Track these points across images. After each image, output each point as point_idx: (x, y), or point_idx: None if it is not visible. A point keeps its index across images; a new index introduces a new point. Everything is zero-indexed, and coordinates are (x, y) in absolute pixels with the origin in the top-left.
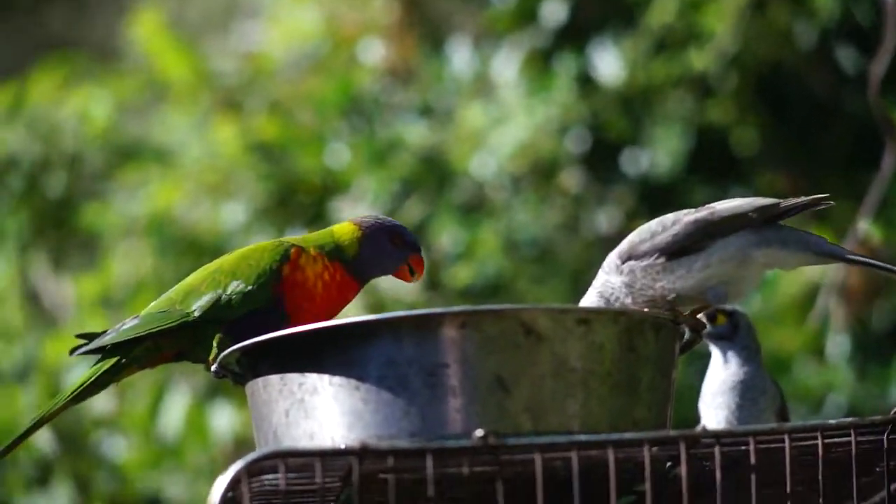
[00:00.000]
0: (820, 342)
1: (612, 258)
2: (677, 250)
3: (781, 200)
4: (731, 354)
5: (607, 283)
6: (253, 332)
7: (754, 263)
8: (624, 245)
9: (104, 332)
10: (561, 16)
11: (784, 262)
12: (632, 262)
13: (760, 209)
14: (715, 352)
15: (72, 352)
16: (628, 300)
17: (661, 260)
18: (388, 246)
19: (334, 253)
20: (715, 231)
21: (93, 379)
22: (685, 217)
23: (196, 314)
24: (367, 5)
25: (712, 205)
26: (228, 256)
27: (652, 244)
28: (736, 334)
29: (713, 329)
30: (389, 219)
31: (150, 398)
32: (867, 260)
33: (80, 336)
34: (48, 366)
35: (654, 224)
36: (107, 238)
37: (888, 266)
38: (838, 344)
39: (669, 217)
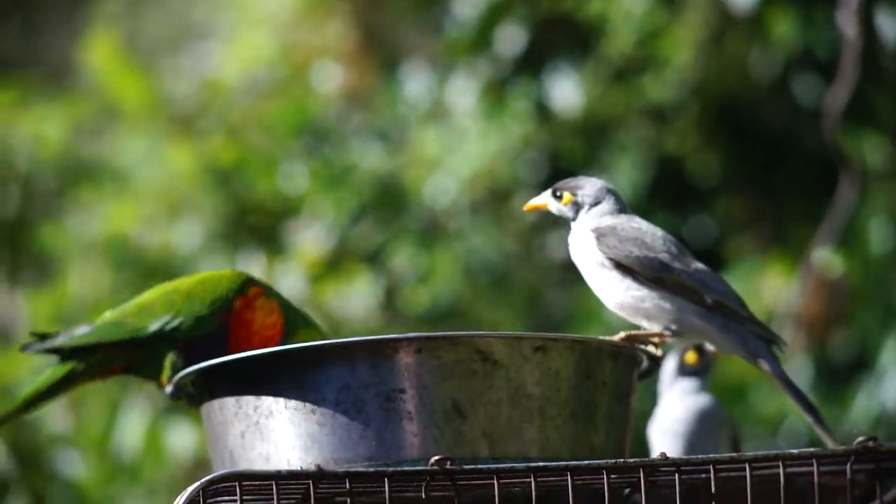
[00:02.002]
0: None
1: (593, 222)
2: (626, 268)
3: (749, 315)
4: (691, 385)
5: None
6: (202, 356)
7: (690, 329)
8: (607, 222)
9: (56, 333)
10: (519, 43)
11: (719, 346)
12: (596, 241)
13: (720, 304)
14: (673, 381)
15: (22, 348)
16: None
17: (611, 263)
18: None
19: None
20: (670, 286)
21: (45, 386)
22: (661, 253)
23: (147, 331)
24: (324, 30)
25: (695, 266)
26: (187, 278)
27: (615, 244)
28: (707, 371)
29: (686, 367)
30: None
31: (107, 415)
32: (793, 389)
33: (32, 334)
34: (1, 384)
35: (633, 230)
36: (61, 258)
37: (810, 404)
38: (797, 369)
39: (652, 237)
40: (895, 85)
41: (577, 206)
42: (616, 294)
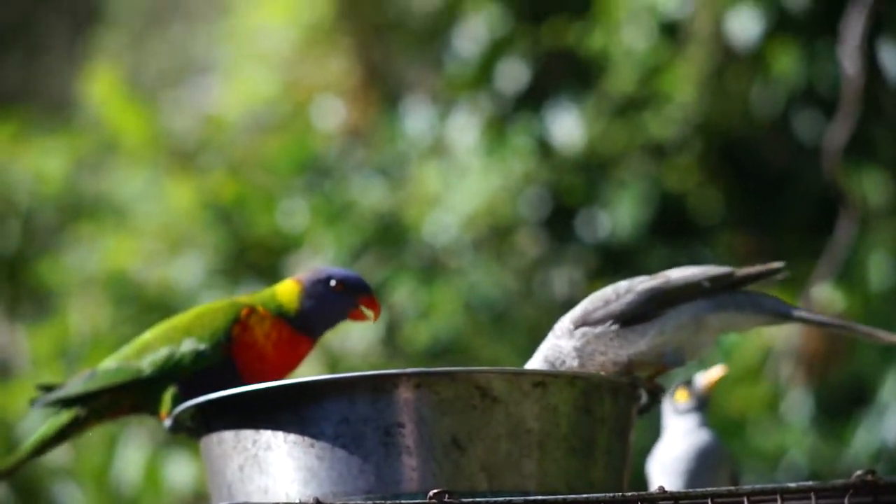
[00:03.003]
0: (776, 403)
1: (565, 323)
2: (631, 318)
3: (735, 269)
4: (691, 422)
5: (556, 347)
6: (207, 389)
7: (709, 328)
8: (577, 311)
9: (62, 384)
10: (520, 79)
11: (739, 326)
12: (585, 328)
13: (714, 278)
14: (674, 419)
15: (31, 403)
16: (575, 363)
17: (615, 327)
18: (330, 295)
19: (278, 311)
20: (669, 299)
21: (53, 433)
22: (639, 285)
23: (149, 371)
24: (326, 66)
25: (667, 273)
26: (183, 315)
27: (606, 311)
28: (704, 407)
29: (681, 405)
30: (330, 268)
31: (106, 448)
32: (821, 319)
33: (38, 387)
34: (2, 418)
35: (608, 291)
36: (61, 292)
37: (842, 323)
38: (797, 404)
39: (623, 284)
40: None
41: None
42: (632, 350)
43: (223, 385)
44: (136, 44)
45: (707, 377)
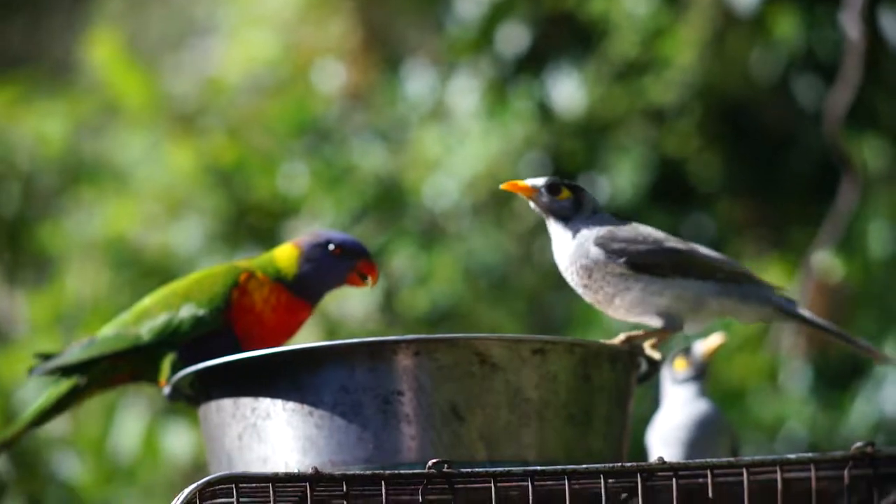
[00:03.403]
0: (775, 373)
1: (591, 237)
2: (642, 265)
3: (752, 273)
4: (691, 391)
5: (577, 260)
6: (206, 356)
7: (708, 310)
8: (605, 232)
9: (60, 352)
10: (521, 43)
11: (739, 315)
12: (601, 252)
13: (732, 273)
14: (673, 388)
15: (30, 371)
16: (582, 280)
17: (624, 265)
18: (329, 259)
19: (277, 276)
20: (684, 268)
21: (52, 402)
22: (666, 242)
23: (148, 337)
24: (327, 28)
25: (694, 246)
26: (182, 280)
27: (624, 247)
28: (703, 376)
29: (679, 374)
30: (329, 231)
31: (104, 417)
32: (822, 324)
33: (36, 356)
34: (1, 383)
35: (640, 231)
36: (61, 257)
37: (841, 332)
38: (797, 375)
39: (653, 234)
40: None
41: (576, 206)
42: (630, 297)
43: (222, 351)
44: (137, 7)
45: (706, 345)
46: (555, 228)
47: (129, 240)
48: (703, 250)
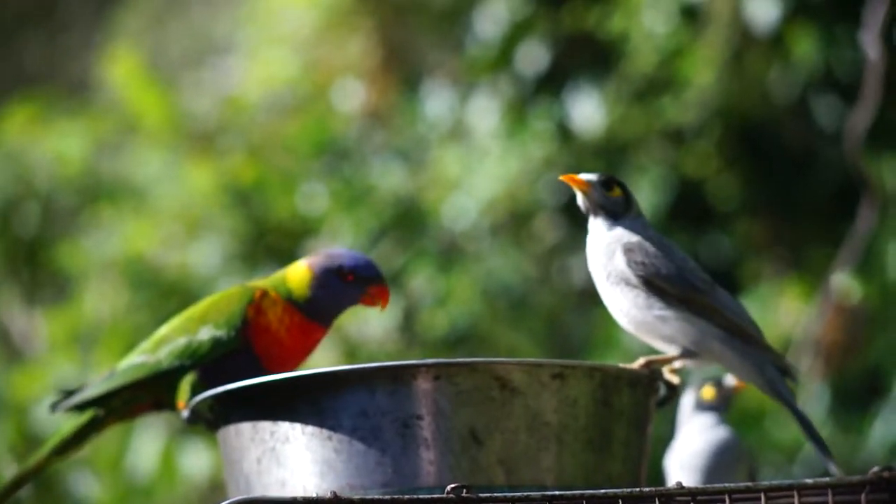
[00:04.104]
0: (793, 396)
1: (624, 238)
2: (655, 287)
3: (762, 338)
4: (710, 419)
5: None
6: (228, 376)
7: (708, 353)
8: (637, 240)
9: (82, 387)
10: (540, 62)
11: (735, 371)
12: (625, 257)
13: (741, 329)
14: (694, 414)
15: (52, 407)
16: (611, 278)
17: (639, 280)
18: (340, 284)
19: (288, 296)
20: (696, 308)
21: (73, 432)
22: (689, 274)
23: (168, 362)
24: (346, 47)
25: (720, 291)
26: (197, 305)
27: (645, 261)
28: (725, 406)
29: (704, 402)
30: (342, 254)
31: (121, 436)
32: (805, 422)
33: (59, 391)
34: (18, 402)
35: (665, 244)
36: (79, 276)
37: (819, 438)
38: (815, 397)
39: (682, 260)
40: None
41: (624, 205)
42: (636, 312)
43: (244, 370)
44: (156, 25)
45: (738, 380)
46: (596, 225)
47: (148, 259)
48: (725, 297)
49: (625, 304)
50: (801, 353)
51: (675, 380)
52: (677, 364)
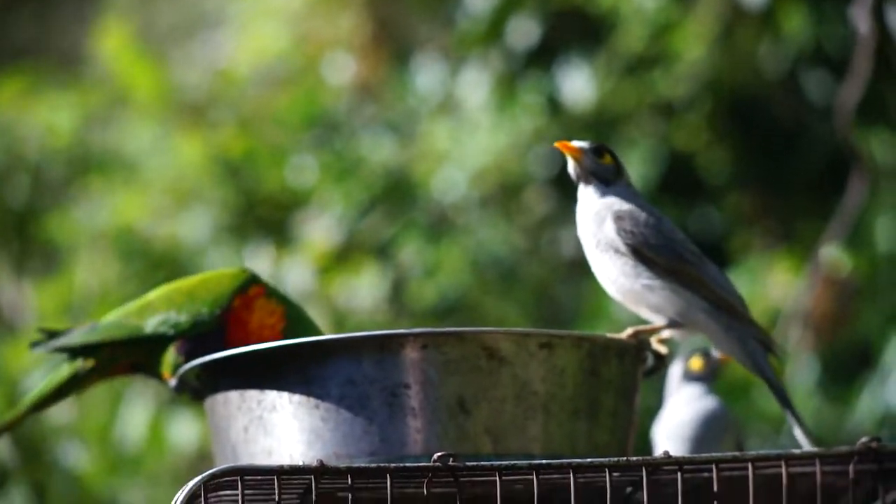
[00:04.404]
0: (782, 366)
1: (613, 206)
2: (642, 256)
3: (748, 314)
4: (698, 389)
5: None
6: (199, 353)
7: (692, 324)
8: (626, 207)
9: (65, 331)
10: (531, 36)
11: (718, 343)
12: (614, 225)
13: (727, 303)
14: (682, 384)
15: (32, 346)
16: (599, 243)
17: (626, 245)
18: None
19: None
20: (683, 279)
21: (52, 387)
22: (678, 246)
23: (148, 330)
24: (337, 21)
25: (708, 264)
26: (191, 278)
27: (634, 230)
28: (713, 377)
29: (692, 373)
30: None
31: (109, 406)
32: (783, 398)
33: (40, 331)
34: (7, 372)
35: (654, 220)
36: (69, 248)
37: (797, 414)
38: (803, 368)
39: (671, 230)
40: None
41: (615, 172)
42: (624, 281)
43: (212, 351)
44: None
45: None
46: (586, 193)
47: (138, 231)
48: (713, 270)
49: (613, 271)
50: (791, 326)
51: (662, 350)
52: (665, 334)
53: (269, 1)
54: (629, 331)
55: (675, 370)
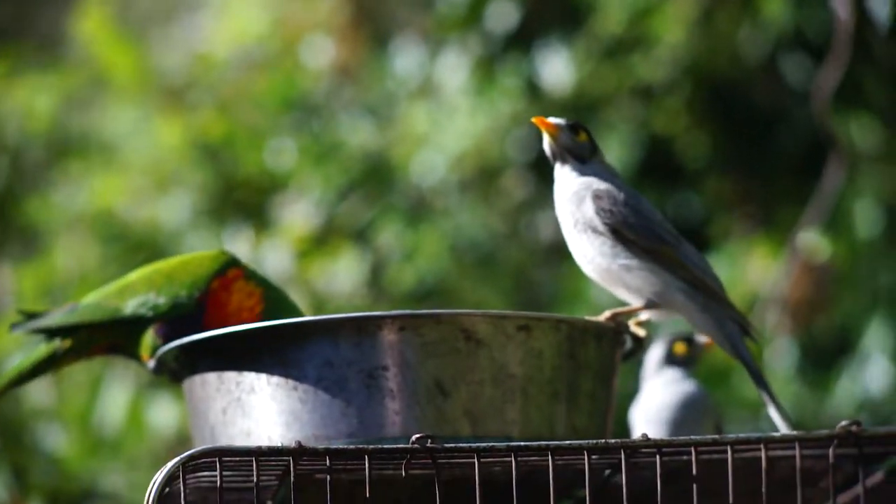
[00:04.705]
0: (760, 351)
1: (591, 184)
2: (621, 236)
3: (724, 295)
4: (678, 373)
5: (583, 192)
6: (177, 335)
7: (671, 305)
8: (603, 187)
9: (43, 312)
10: (510, 20)
11: (696, 325)
12: (593, 205)
13: (704, 283)
14: (660, 368)
15: (10, 327)
16: (577, 225)
17: (605, 225)
18: None
19: (267, 295)
20: (661, 260)
21: (30, 365)
22: (656, 227)
23: (127, 311)
24: (316, 4)
25: (686, 245)
26: (171, 259)
27: (613, 209)
28: (694, 362)
29: (675, 357)
30: None
31: (89, 389)
32: (760, 380)
33: (20, 312)
34: None
35: (633, 200)
36: (48, 231)
37: (774, 397)
38: (782, 353)
39: (649, 211)
40: (885, 66)
41: (591, 150)
42: (601, 260)
43: (190, 333)
44: None
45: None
46: (563, 172)
47: (117, 214)
48: (691, 252)
49: (590, 251)
50: (769, 310)
51: (641, 332)
52: (643, 316)
53: None
54: (607, 313)
55: (653, 354)
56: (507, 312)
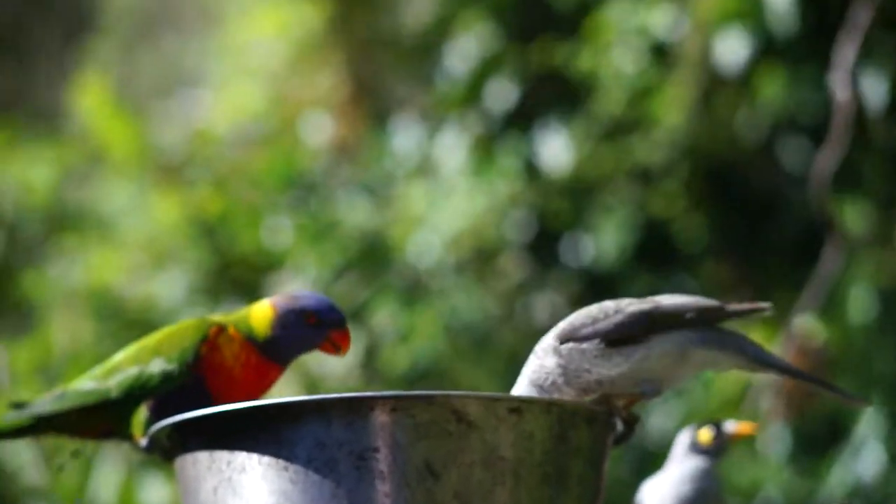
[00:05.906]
0: (753, 437)
1: (548, 340)
2: (617, 339)
3: (724, 304)
4: (702, 467)
5: (540, 368)
6: (177, 410)
7: (691, 363)
8: (564, 326)
9: (32, 403)
10: (509, 99)
11: (719, 365)
12: (571, 345)
13: (703, 310)
14: (687, 456)
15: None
16: (561, 380)
17: (602, 346)
18: (303, 327)
19: (249, 334)
20: (657, 325)
21: (11, 432)
22: (629, 307)
23: (117, 392)
24: (315, 81)
25: (656, 298)
26: (154, 335)
27: (594, 329)
28: (719, 453)
29: (699, 446)
30: (307, 296)
31: (82, 468)
32: (800, 372)
33: (10, 405)
34: None
35: (593, 309)
36: (43, 306)
37: (818, 379)
38: (775, 439)
39: (611, 305)
40: (882, 150)
41: None
42: (615, 372)
43: (194, 407)
44: (126, 55)
45: (739, 428)
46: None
47: (113, 290)
48: (667, 300)
49: (598, 377)
50: (763, 396)
51: (631, 417)
52: (633, 400)
53: (248, 60)
54: (598, 396)
55: (682, 438)
56: (498, 395)
